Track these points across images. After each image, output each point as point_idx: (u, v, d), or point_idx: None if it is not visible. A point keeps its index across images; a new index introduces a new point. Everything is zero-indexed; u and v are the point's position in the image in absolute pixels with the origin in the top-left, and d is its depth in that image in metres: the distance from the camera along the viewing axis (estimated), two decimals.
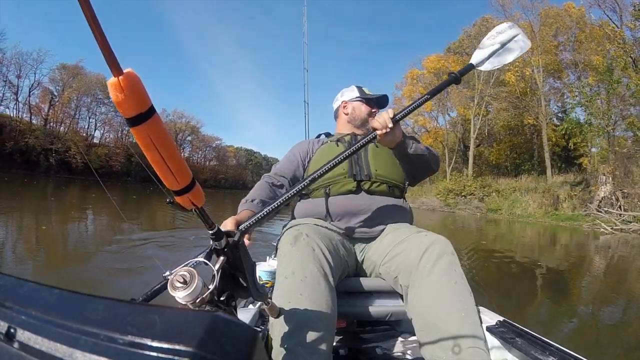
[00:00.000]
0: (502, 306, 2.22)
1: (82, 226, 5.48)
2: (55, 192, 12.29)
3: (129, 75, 0.29)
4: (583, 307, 2.80)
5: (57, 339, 0.20)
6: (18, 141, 25.38)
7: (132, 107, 0.30)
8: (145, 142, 0.32)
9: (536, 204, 14.77)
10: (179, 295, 0.39)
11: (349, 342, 1.04)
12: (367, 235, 1.07)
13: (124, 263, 3.11)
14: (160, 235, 4.66)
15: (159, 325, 0.20)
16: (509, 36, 1.09)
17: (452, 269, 0.85)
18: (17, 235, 4.14)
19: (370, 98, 1.33)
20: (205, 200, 0.41)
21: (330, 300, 0.78)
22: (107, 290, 2.38)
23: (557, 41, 19.21)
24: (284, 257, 0.85)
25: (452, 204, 18.53)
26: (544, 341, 0.84)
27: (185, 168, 0.36)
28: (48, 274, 2.71)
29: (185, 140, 48.09)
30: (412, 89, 26.49)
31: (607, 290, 3.42)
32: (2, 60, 26.72)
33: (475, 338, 0.74)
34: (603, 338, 2.20)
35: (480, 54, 1.10)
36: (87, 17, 0.26)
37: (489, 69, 1.10)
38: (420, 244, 0.91)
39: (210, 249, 0.49)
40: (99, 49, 0.27)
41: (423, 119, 27.39)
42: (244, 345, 0.22)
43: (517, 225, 11.52)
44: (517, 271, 4.10)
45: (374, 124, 0.93)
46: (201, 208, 0.41)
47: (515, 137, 23.10)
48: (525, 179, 18.39)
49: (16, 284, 0.24)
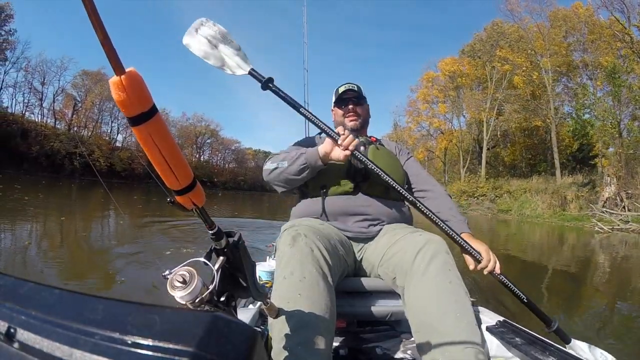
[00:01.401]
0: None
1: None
2: (80, 193, 12.80)
3: (131, 74, 0.29)
4: (567, 289, 3.49)
5: (57, 339, 0.20)
6: (43, 145, 26.41)
7: (133, 106, 0.30)
8: (146, 141, 0.32)
9: (545, 204, 15.03)
10: (178, 295, 0.39)
11: (349, 342, 1.03)
12: (364, 235, 1.07)
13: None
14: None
15: (159, 325, 0.20)
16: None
17: (447, 269, 0.85)
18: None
19: (340, 99, 1.31)
20: (224, 202, 0.41)
21: (329, 300, 0.78)
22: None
23: (567, 42, 19.20)
24: (283, 257, 0.85)
25: (465, 205, 18.82)
26: (543, 341, 0.84)
27: (187, 168, 0.36)
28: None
29: (204, 143, 48.99)
30: (426, 92, 26.83)
31: (584, 276, 4.19)
32: (28, 67, 27.79)
33: (471, 337, 0.74)
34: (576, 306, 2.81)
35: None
36: (89, 15, 0.26)
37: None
38: (414, 243, 0.91)
39: (210, 249, 0.49)
40: (102, 47, 0.27)
41: (438, 122, 27.65)
42: (244, 345, 0.22)
43: (524, 226, 11.82)
44: (514, 264, 4.61)
45: (485, 260, 0.97)
46: (202, 208, 0.41)
47: (529, 138, 23.17)
48: (537, 180, 18.59)
49: (16, 284, 0.24)
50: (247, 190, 44.78)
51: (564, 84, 20.53)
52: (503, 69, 21.08)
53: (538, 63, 19.17)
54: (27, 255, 2.95)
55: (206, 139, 48.83)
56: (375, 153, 1.17)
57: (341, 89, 1.30)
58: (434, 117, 27.21)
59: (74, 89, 31.45)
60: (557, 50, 18.79)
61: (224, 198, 18.47)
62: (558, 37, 18.85)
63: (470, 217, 15.00)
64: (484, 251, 0.97)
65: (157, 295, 2.19)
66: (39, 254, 3.13)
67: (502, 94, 21.40)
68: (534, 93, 20.19)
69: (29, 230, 4.24)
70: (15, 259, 2.81)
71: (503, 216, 15.92)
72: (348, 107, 1.28)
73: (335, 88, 1.35)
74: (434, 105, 27.28)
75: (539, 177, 19.09)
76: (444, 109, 26.43)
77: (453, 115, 26.76)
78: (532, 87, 20.16)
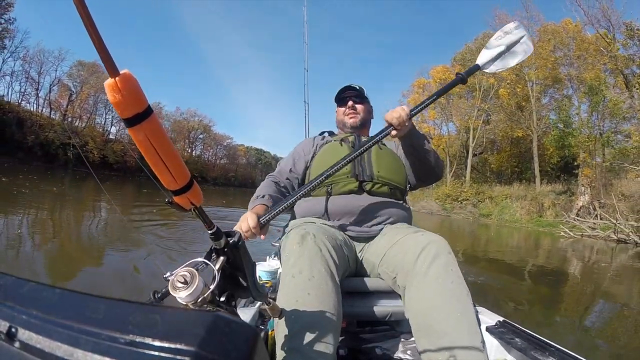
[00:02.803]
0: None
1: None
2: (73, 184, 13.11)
3: (125, 76, 0.29)
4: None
5: (58, 338, 0.20)
6: (38, 135, 26.40)
7: (129, 108, 0.30)
8: (142, 142, 0.32)
9: (524, 210, 16.04)
10: (180, 296, 0.39)
11: (349, 342, 1.03)
12: (365, 234, 1.07)
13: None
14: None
15: (161, 325, 0.20)
16: (515, 38, 1.12)
17: (449, 269, 0.84)
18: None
19: (340, 97, 1.32)
20: (217, 197, 0.41)
21: (337, 300, 0.78)
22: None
23: (555, 55, 19.95)
24: (291, 256, 0.84)
25: (448, 209, 20.10)
26: (543, 341, 0.84)
27: (184, 167, 0.36)
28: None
29: (197, 138, 48.97)
30: (417, 97, 27.66)
31: (540, 270, 5.07)
32: (26, 57, 27.89)
33: (473, 338, 0.74)
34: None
35: (487, 54, 1.13)
36: (83, 19, 0.26)
37: (493, 71, 1.13)
38: (416, 243, 0.91)
39: (210, 249, 0.49)
40: (96, 50, 0.28)
41: (427, 127, 28.36)
42: (245, 345, 0.22)
43: (502, 230, 12.74)
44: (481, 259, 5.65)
45: (391, 119, 0.96)
46: (200, 207, 0.41)
47: (516, 147, 23.92)
48: (517, 187, 19.43)
49: (17, 283, 0.24)
50: (237, 187, 45.30)
51: (551, 95, 21.48)
52: (489, 82, 22.20)
53: (524, 75, 19.99)
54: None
55: (199, 134, 48.86)
56: (379, 153, 1.18)
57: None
58: (424, 122, 28.02)
59: (69, 79, 31.36)
60: (543, 63, 19.61)
61: (214, 192, 19.31)
62: (545, 50, 19.60)
63: (453, 219, 16.91)
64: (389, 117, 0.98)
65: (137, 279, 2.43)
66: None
67: (487, 105, 22.65)
68: (519, 104, 21.14)
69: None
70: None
71: (484, 220, 16.93)
72: (347, 104, 1.30)
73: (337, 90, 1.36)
74: (424, 111, 27.66)
75: (520, 184, 19.97)
76: (433, 115, 27.55)
77: (442, 121, 27.95)
78: (517, 99, 21.16)
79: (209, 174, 47.11)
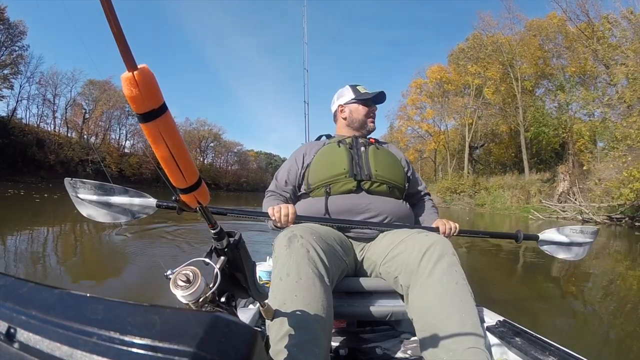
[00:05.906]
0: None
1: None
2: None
3: (144, 70, 0.29)
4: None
5: (57, 339, 0.20)
6: (59, 154, 28.00)
7: (145, 103, 0.30)
8: (155, 138, 0.32)
9: (514, 198, 17.84)
10: (182, 294, 0.39)
11: (349, 342, 1.03)
12: (366, 235, 1.07)
13: None
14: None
15: (160, 326, 0.20)
16: (583, 240, 1.26)
17: (453, 270, 0.85)
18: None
19: (367, 97, 1.31)
20: (230, 203, 0.41)
21: (326, 301, 0.78)
22: None
23: (544, 49, 20.53)
24: (279, 259, 0.84)
25: (448, 200, 21.83)
26: (544, 341, 0.84)
27: (193, 166, 0.36)
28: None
29: (208, 146, 50.09)
30: (415, 97, 28.63)
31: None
32: (41, 80, 29.15)
33: (476, 339, 0.74)
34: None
35: (552, 235, 1.28)
36: (104, 8, 0.26)
37: (543, 249, 1.28)
38: (420, 244, 0.91)
39: (211, 249, 0.49)
40: (115, 42, 0.27)
41: (427, 125, 29.00)
42: (245, 346, 0.22)
43: (495, 217, 14.02)
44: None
45: (443, 228, 1.11)
46: (205, 207, 0.41)
47: (513, 138, 24.62)
48: (510, 177, 21.08)
49: (16, 284, 0.24)
50: (249, 192, 45.93)
51: (545, 86, 22.03)
52: (475, 82, 23.46)
53: (509, 73, 20.94)
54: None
55: (209, 143, 49.93)
56: (376, 153, 1.20)
57: (369, 90, 1.33)
58: (423, 121, 28.90)
59: (82, 96, 32.64)
60: (530, 59, 20.35)
61: (228, 198, 19.60)
62: (533, 46, 20.15)
63: (452, 210, 18.37)
64: (441, 224, 1.14)
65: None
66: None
67: (476, 103, 23.88)
68: (504, 100, 22.25)
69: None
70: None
71: (479, 209, 18.66)
72: (373, 109, 1.33)
73: (348, 85, 1.36)
74: (423, 110, 28.94)
75: (513, 174, 21.43)
76: (431, 113, 28.38)
77: (441, 119, 28.42)
78: (503, 96, 22.30)
79: (221, 181, 48.05)
